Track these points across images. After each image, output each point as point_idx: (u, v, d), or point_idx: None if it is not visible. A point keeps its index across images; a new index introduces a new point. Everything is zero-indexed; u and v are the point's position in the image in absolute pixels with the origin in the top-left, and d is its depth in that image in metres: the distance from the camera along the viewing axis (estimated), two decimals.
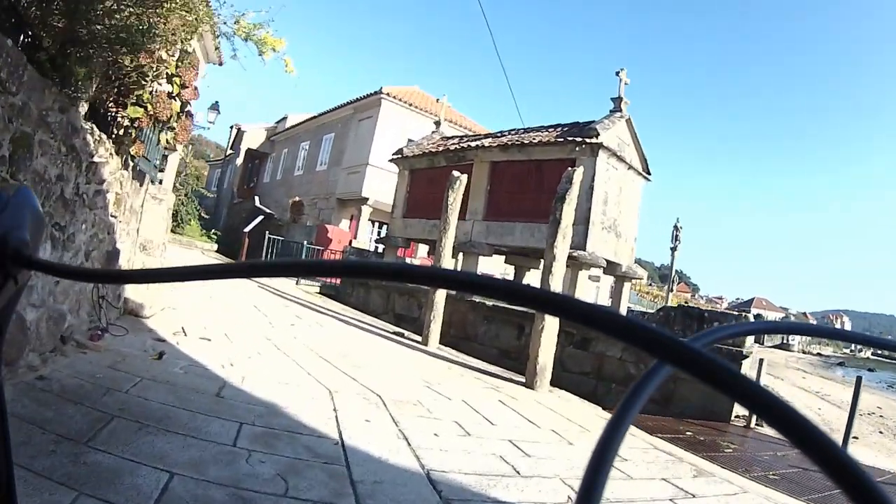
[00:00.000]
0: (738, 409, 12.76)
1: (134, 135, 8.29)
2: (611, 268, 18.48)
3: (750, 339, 13.00)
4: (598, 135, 16.76)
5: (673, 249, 34.77)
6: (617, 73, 18.36)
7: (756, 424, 12.14)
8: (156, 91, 8.15)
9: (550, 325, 10.79)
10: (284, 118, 45.89)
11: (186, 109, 9.76)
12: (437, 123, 25.58)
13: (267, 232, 24.55)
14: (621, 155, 17.96)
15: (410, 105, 31.75)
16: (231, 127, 51.32)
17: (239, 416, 5.48)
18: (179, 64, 8.76)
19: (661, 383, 0.45)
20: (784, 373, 37.95)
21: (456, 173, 14.37)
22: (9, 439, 0.69)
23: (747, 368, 12.92)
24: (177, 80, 8.82)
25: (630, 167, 18.69)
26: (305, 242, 24.41)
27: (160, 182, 12.68)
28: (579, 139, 16.86)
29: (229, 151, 51.98)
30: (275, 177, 44.50)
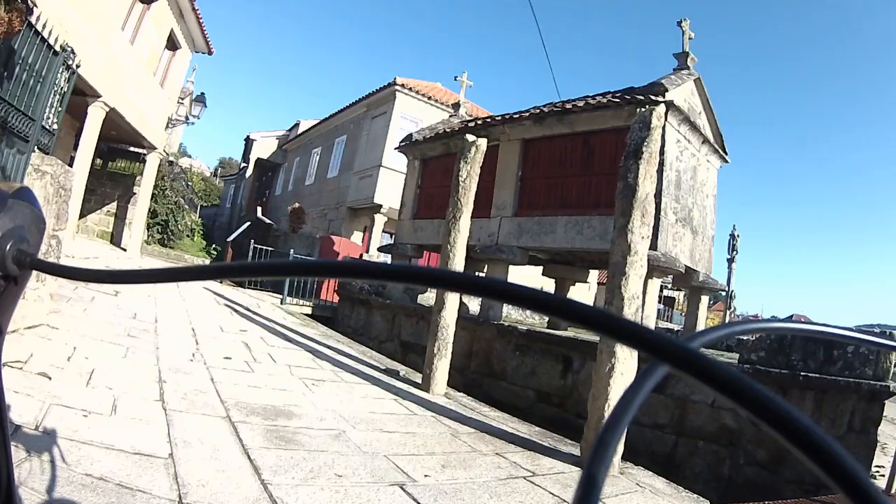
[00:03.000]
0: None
1: None
2: (686, 276, 13.99)
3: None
4: (665, 91, 12.38)
5: (730, 261, 30.81)
6: (679, 24, 14.16)
7: None
8: None
9: (625, 365, 6.56)
10: (296, 125, 42.59)
11: None
12: (456, 106, 21.43)
13: (252, 241, 20.62)
14: (695, 122, 13.56)
15: (429, 98, 27.76)
16: (245, 139, 48.11)
17: None
18: None
19: (770, 440, 0.30)
20: None
21: (471, 137, 10.17)
22: (8, 440, 0.73)
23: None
24: None
25: (705, 141, 14.26)
26: (292, 252, 20.32)
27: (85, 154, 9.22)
28: (641, 97, 12.37)
29: (242, 164, 49.09)
30: (286, 188, 40.94)
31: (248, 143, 46.71)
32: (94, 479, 3.67)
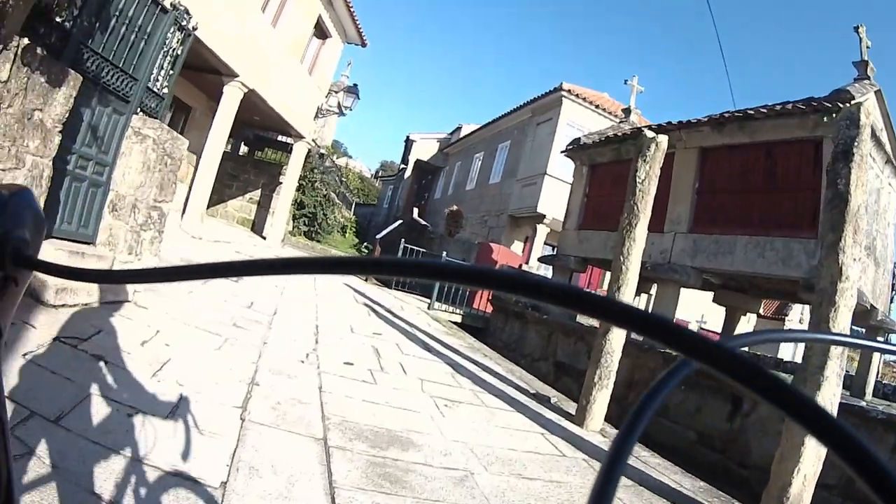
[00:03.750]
0: None
1: None
2: (867, 313, 12.43)
3: None
4: (851, 99, 10.57)
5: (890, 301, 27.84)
6: (855, 30, 12.40)
7: None
8: None
9: None
10: (458, 128, 42.05)
11: None
12: (626, 111, 20.07)
13: (403, 240, 19.73)
14: (879, 138, 11.75)
15: (596, 106, 26.26)
16: (405, 140, 48.51)
17: None
18: None
19: None
20: None
21: (650, 133, 8.83)
22: (9, 439, 0.68)
23: None
24: None
25: (888, 160, 12.41)
26: (444, 255, 19.10)
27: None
28: (828, 105, 10.86)
29: (401, 166, 49.42)
30: (446, 193, 40.25)
31: (408, 143, 46.64)
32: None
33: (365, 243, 35.06)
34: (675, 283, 13.25)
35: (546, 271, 23.14)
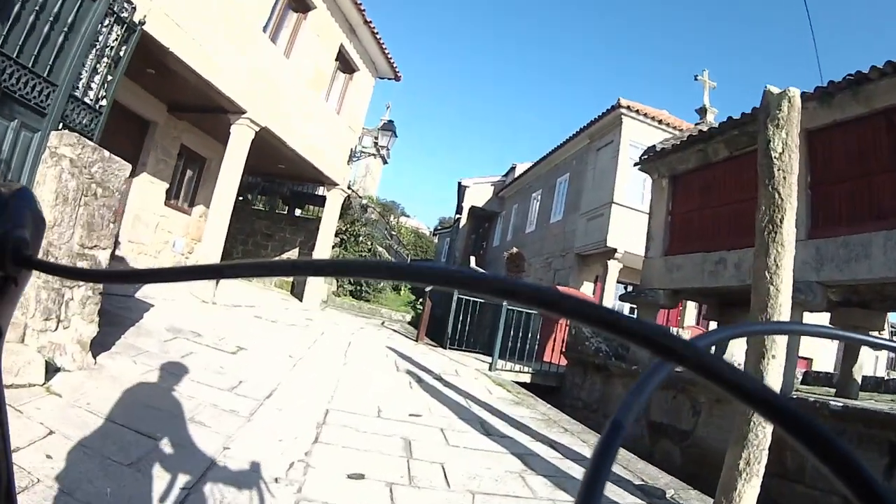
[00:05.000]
0: None
1: None
2: None
3: None
4: None
5: None
6: None
7: None
8: None
9: None
10: (512, 168, 40.37)
11: None
12: (702, 111, 17.92)
13: (456, 292, 17.42)
14: None
15: (660, 122, 23.92)
16: (458, 186, 47.11)
17: None
18: None
19: None
20: None
21: (774, 88, 6.36)
22: (9, 440, 0.69)
23: None
24: None
25: None
26: (505, 304, 16.70)
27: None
28: None
29: (455, 216, 48.10)
30: (505, 238, 38.27)
31: (461, 190, 45.20)
32: None
33: (420, 299, 33.38)
34: (798, 307, 10.54)
35: (625, 311, 20.73)
